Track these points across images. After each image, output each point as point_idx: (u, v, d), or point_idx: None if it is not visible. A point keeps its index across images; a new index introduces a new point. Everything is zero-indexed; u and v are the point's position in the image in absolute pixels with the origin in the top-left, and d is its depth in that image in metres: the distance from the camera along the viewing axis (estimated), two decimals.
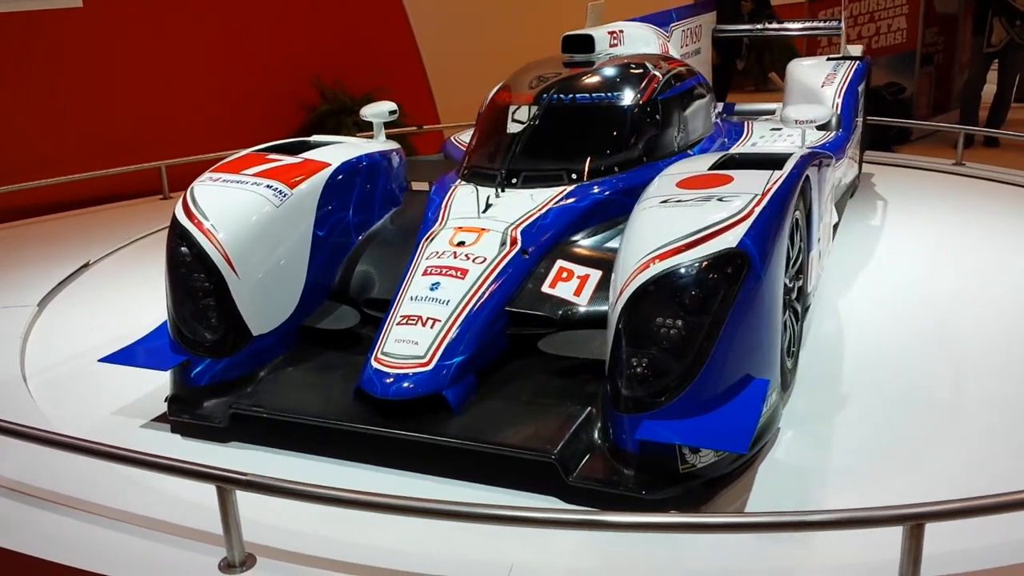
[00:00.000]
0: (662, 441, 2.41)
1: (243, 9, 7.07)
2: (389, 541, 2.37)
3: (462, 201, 3.41)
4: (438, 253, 3.09)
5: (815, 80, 5.27)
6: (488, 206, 3.33)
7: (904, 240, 4.86)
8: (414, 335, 2.82)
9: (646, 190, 2.97)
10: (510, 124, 3.67)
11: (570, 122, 3.67)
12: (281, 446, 2.90)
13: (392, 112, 4.38)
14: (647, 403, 2.44)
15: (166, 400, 3.09)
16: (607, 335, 2.58)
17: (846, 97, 5.06)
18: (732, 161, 3.14)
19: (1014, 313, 3.78)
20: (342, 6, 7.56)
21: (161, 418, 3.12)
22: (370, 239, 3.58)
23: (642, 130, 3.68)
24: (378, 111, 4.35)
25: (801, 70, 5.51)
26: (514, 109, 3.70)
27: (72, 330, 4.03)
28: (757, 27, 6.73)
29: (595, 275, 3.08)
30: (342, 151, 3.67)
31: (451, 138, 5.19)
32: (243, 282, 3.06)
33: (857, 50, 5.90)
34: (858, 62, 5.53)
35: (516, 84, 3.91)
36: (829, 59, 5.71)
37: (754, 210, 2.61)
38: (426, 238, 3.22)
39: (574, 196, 3.37)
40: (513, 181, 3.45)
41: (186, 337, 3.07)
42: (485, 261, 3.03)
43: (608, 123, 3.66)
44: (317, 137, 4.07)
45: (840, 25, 6.17)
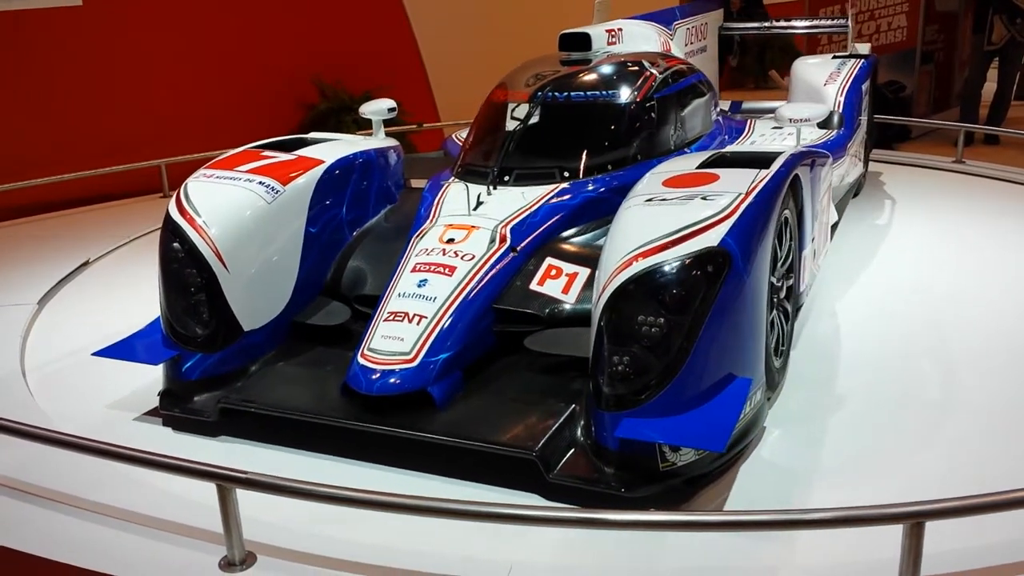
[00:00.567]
0: (640, 439, 2.42)
1: (243, 7, 7.07)
2: (388, 539, 2.37)
3: (454, 199, 3.42)
4: (427, 250, 3.10)
5: (818, 78, 5.24)
6: (479, 203, 3.34)
7: (904, 238, 4.84)
8: (400, 331, 2.84)
9: (633, 188, 2.97)
10: (509, 122, 3.67)
11: (563, 120, 3.67)
12: (269, 440, 2.93)
13: (391, 110, 4.38)
14: (628, 401, 2.45)
15: (159, 394, 3.12)
16: (591, 332, 2.58)
17: (848, 95, 5.02)
18: (721, 160, 3.13)
19: (1014, 313, 3.76)
20: (342, 5, 7.57)
21: (154, 412, 3.14)
22: (363, 236, 3.59)
23: (636, 128, 3.67)
24: (377, 109, 4.36)
25: (806, 68, 5.48)
26: (513, 107, 3.70)
27: (72, 328, 4.04)
28: (765, 24, 6.69)
29: (583, 273, 3.08)
30: (337, 148, 3.69)
31: (452, 136, 5.21)
32: (234, 278, 3.08)
33: (865, 48, 5.83)
34: (863, 60, 5.48)
35: (512, 82, 3.91)
36: (835, 57, 5.66)
37: (737, 209, 2.61)
38: (417, 235, 3.23)
39: (566, 194, 3.37)
40: (505, 179, 3.46)
41: (178, 332, 3.10)
42: (473, 258, 3.04)
43: (601, 121, 3.66)
44: (315, 134, 4.08)
45: (848, 22, 6.08)
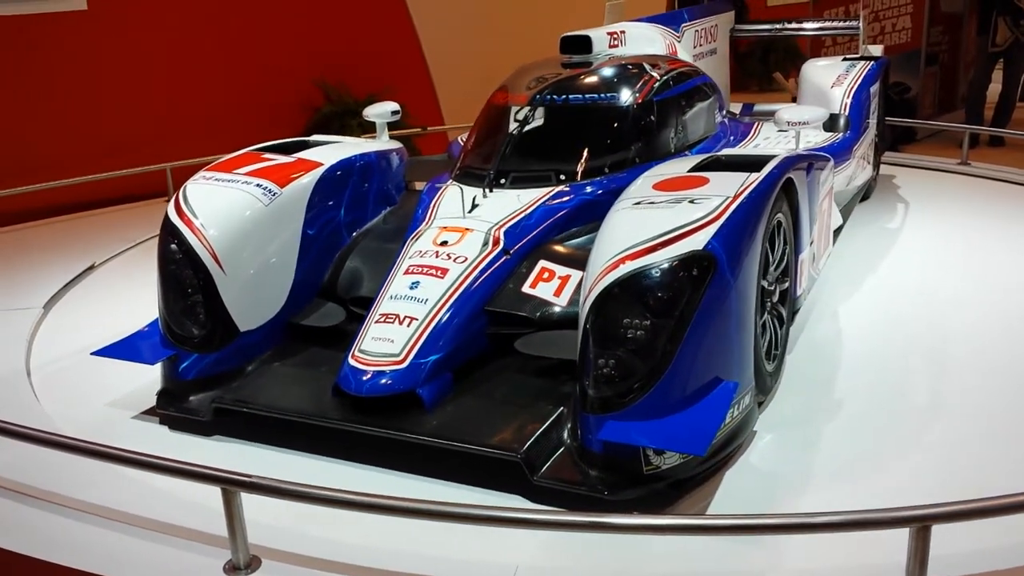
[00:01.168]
0: (623, 442, 2.42)
1: (247, 11, 7.09)
2: (392, 542, 2.38)
3: (449, 201, 3.43)
4: (421, 252, 3.12)
5: (826, 81, 5.21)
6: (475, 206, 3.35)
7: (908, 240, 4.82)
8: (391, 333, 2.86)
9: (625, 191, 2.98)
10: (511, 124, 3.69)
11: (561, 123, 3.68)
12: (263, 440, 2.96)
13: (394, 112, 4.41)
14: (613, 403, 2.46)
15: (156, 394, 3.16)
16: (578, 335, 2.59)
17: (855, 98, 4.99)
18: (714, 163, 3.14)
19: (1018, 315, 3.74)
20: (346, 8, 7.59)
21: (151, 411, 3.18)
22: (361, 238, 3.63)
23: (634, 131, 3.67)
24: (380, 111, 4.39)
25: (815, 71, 5.44)
26: (516, 110, 3.71)
27: (77, 332, 4.03)
28: (776, 26, 6.68)
29: (576, 276, 3.07)
30: (337, 151, 3.71)
31: (457, 139, 5.21)
32: (231, 279, 3.12)
33: (877, 50, 5.78)
34: (872, 62, 5.43)
35: (513, 85, 3.93)
36: (845, 59, 5.62)
37: (724, 212, 2.61)
38: (412, 237, 3.25)
39: (562, 197, 3.38)
40: (501, 181, 3.47)
41: (175, 332, 3.14)
42: (466, 261, 3.06)
43: (599, 124, 3.66)
44: (317, 137, 4.11)
45: (859, 24, 6.03)
